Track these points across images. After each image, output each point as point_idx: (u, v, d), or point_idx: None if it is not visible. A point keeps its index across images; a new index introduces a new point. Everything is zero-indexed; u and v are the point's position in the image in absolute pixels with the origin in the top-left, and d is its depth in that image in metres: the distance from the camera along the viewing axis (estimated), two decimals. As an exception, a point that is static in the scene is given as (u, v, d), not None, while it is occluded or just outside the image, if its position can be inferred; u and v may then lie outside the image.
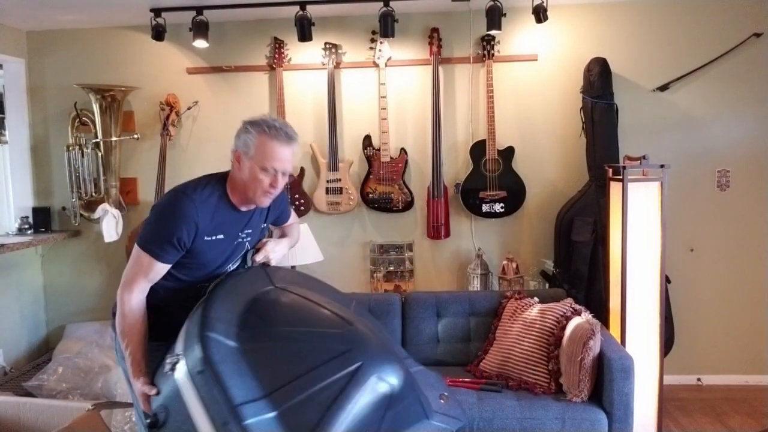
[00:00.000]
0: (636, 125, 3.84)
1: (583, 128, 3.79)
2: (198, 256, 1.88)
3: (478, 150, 3.83)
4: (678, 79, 3.80)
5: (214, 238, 1.89)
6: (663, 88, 3.82)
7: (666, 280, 3.33)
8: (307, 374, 1.57)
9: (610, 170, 3.35)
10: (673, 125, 3.86)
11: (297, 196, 3.94)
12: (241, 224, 1.98)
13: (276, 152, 1.81)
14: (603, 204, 3.45)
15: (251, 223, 2.02)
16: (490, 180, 3.81)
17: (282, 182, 1.87)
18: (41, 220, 4.10)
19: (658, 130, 3.86)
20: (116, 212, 3.87)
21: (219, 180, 1.93)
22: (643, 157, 3.20)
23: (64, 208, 4.13)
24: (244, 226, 2.00)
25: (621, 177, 3.14)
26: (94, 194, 3.96)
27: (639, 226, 3.16)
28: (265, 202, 1.90)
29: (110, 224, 3.80)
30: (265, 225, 2.13)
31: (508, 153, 3.84)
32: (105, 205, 3.84)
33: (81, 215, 4.02)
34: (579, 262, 3.67)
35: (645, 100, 3.84)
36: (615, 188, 3.26)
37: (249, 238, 2.06)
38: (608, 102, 3.68)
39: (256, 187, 1.85)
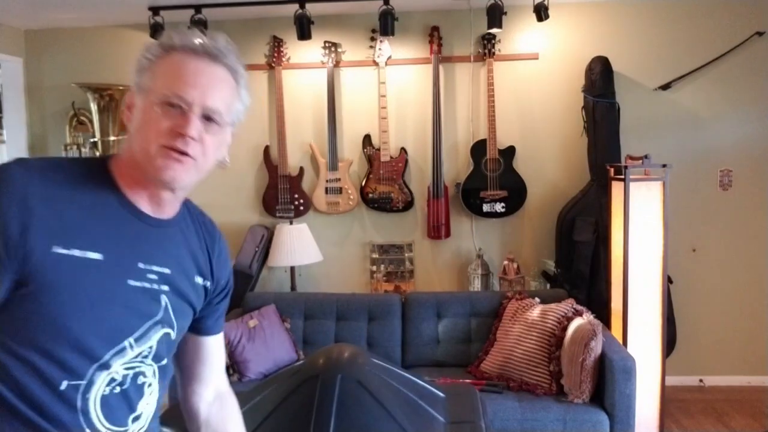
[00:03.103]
0: (638, 124, 3.81)
1: (584, 127, 3.77)
2: (41, 292, 0.89)
3: (478, 149, 3.81)
4: (680, 78, 3.78)
5: (77, 253, 0.91)
6: (665, 87, 3.79)
7: (668, 280, 3.31)
8: None
9: (612, 170, 3.32)
10: (675, 124, 3.83)
11: (296, 195, 3.92)
12: (145, 245, 1.00)
13: (187, 71, 0.98)
14: (604, 204, 3.42)
15: (170, 253, 1.05)
16: (491, 180, 3.78)
17: (203, 134, 0.98)
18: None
19: (660, 129, 3.83)
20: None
21: (101, 160, 1.02)
22: (645, 157, 3.18)
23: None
24: (154, 253, 1.01)
25: (623, 177, 3.12)
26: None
27: (641, 226, 3.14)
28: (170, 169, 0.96)
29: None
30: (206, 283, 1.13)
31: (509, 152, 3.81)
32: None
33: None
34: (580, 263, 3.65)
35: (647, 99, 3.81)
36: (617, 188, 3.23)
37: (166, 290, 1.03)
38: (610, 101, 3.65)
39: (149, 134, 0.96)
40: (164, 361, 1.06)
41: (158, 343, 1.03)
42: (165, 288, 1.03)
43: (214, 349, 1.22)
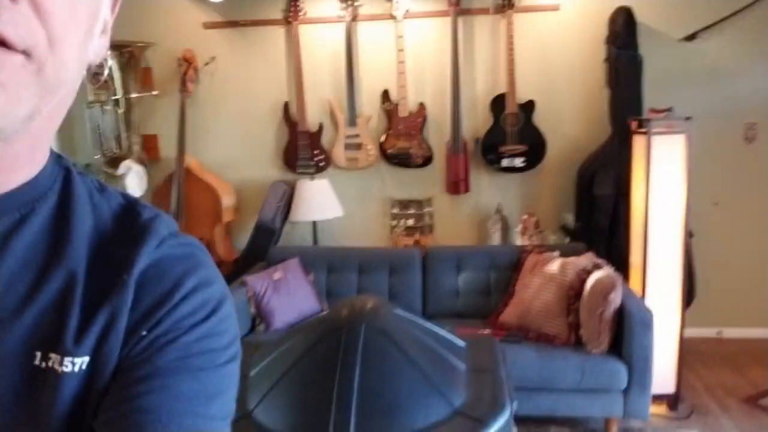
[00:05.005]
0: (661, 76, 3.74)
1: (606, 80, 3.71)
2: None
3: (498, 104, 3.78)
4: (706, 28, 3.68)
5: None
6: (690, 37, 3.71)
7: (689, 234, 3.30)
8: None
9: (634, 123, 3.29)
10: (699, 76, 3.76)
11: (316, 152, 3.94)
12: None
13: None
14: (625, 157, 3.40)
15: None
16: (511, 134, 3.77)
17: None
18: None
19: (684, 81, 3.76)
20: (139, 168, 3.92)
21: None
22: (668, 110, 3.14)
23: (88, 165, 4.17)
24: None
25: (645, 130, 3.09)
26: (116, 151, 4.00)
27: (663, 180, 3.12)
28: None
29: (134, 180, 3.85)
30: (75, 363, 0.45)
31: (529, 107, 3.78)
32: (128, 162, 3.88)
33: (105, 172, 4.06)
34: (600, 217, 3.65)
35: (671, 50, 3.73)
36: (639, 141, 3.21)
37: None
38: (633, 53, 3.58)
39: None
40: None
41: None
42: None
43: None
